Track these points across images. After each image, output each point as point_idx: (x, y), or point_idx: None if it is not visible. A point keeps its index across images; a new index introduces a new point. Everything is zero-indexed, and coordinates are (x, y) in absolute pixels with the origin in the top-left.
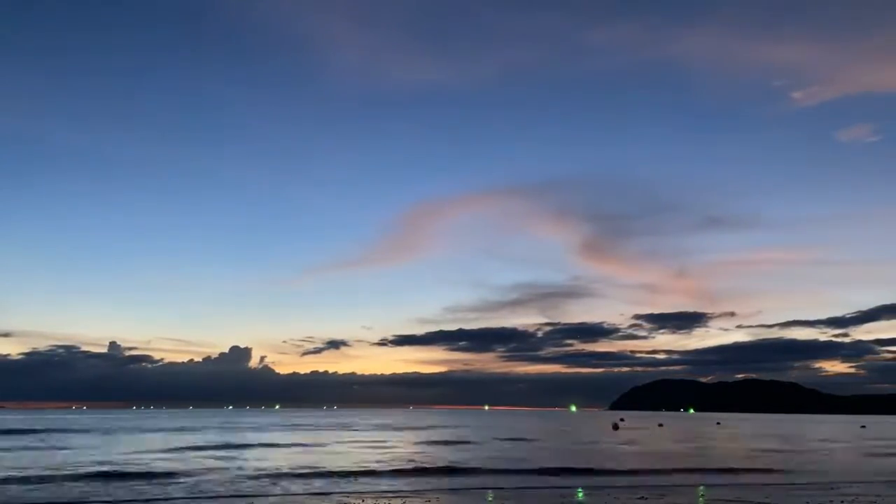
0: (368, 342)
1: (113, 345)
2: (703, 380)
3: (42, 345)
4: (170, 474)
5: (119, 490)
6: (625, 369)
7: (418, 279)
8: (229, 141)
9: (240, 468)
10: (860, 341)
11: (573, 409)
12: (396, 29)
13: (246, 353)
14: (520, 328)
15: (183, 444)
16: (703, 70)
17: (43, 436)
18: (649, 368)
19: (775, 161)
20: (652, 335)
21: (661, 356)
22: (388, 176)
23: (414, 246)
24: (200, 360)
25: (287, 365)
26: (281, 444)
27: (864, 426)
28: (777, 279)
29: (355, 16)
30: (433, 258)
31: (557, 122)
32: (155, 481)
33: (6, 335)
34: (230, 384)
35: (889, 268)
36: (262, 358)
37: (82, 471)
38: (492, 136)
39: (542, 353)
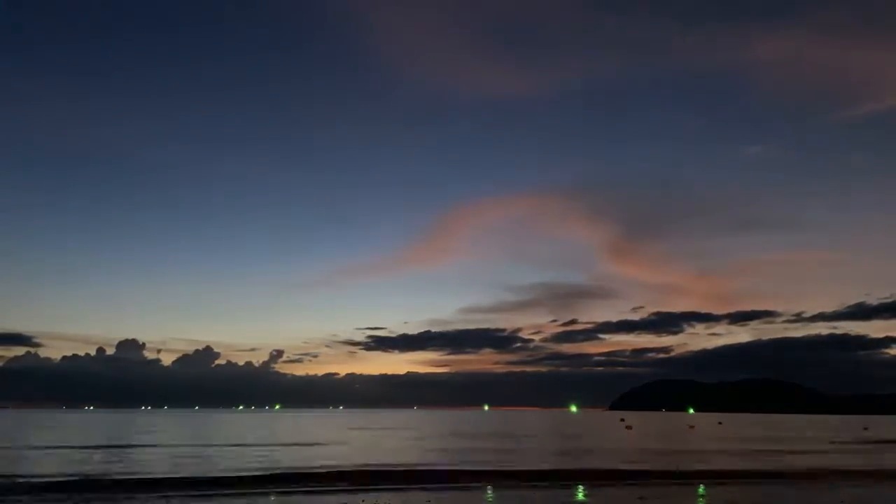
0: (375, 344)
1: (121, 347)
2: (702, 380)
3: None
4: None
5: None
6: (624, 369)
7: (442, 282)
8: (266, 147)
9: None
10: (861, 341)
11: (573, 409)
12: (431, 37)
13: (267, 355)
14: (524, 328)
15: None
16: (739, 78)
17: None
18: (650, 369)
19: (810, 167)
20: (654, 335)
21: (662, 356)
22: (424, 181)
23: (442, 249)
24: (235, 361)
25: (294, 366)
26: None
27: (866, 428)
28: (781, 280)
29: (373, 20)
30: (459, 261)
31: (591, 126)
32: None
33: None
34: (238, 385)
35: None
36: (270, 360)
37: None
38: (524, 139)
39: (543, 352)
